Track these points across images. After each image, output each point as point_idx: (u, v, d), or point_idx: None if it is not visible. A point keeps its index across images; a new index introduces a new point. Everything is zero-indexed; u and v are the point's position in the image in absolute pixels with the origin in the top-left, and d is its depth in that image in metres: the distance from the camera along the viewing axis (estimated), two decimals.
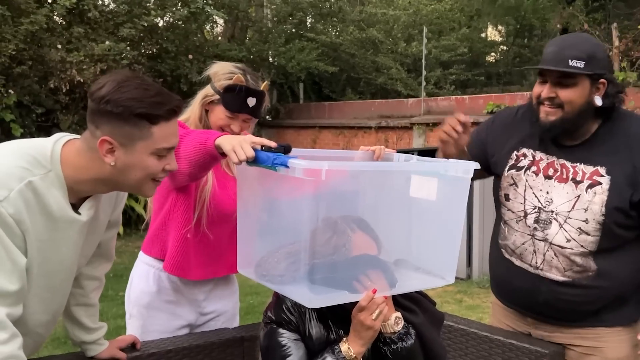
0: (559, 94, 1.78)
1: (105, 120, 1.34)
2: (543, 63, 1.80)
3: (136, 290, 2.05)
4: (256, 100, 1.96)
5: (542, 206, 1.88)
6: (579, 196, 1.82)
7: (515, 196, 1.95)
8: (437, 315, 1.67)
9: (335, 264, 1.49)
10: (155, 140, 1.36)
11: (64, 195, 1.38)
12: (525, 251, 1.94)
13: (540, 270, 1.90)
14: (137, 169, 1.38)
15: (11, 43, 6.65)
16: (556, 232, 1.85)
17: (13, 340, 1.29)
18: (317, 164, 1.34)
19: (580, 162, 1.85)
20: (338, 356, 1.48)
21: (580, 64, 1.74)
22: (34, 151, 1.36)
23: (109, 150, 1.35)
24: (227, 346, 2.00)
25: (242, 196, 1.68)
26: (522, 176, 1.94)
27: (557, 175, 1.87)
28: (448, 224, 1.72)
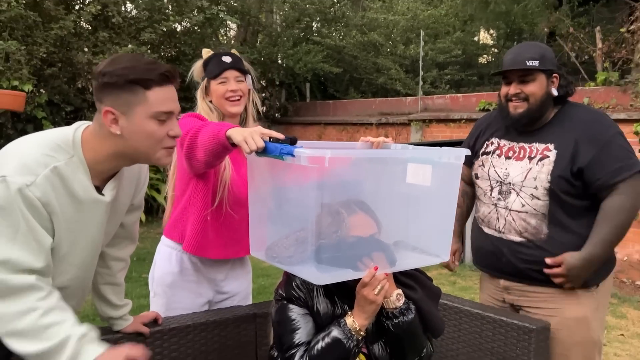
0: (524, 89, 2.01)
1: (105, 93, 1.35)
2: (505, 67, 2.04)
3: (160, 270, 2.06)
4: (231, 57, 2.01)
5: (502, 180, 2.11)
6: (530, 169, 2.04)
7: (482, 174, 2.19)
8: (434, 290, 1.68)
9: (340, 244, 1.50)
10: (151, 104, 1.35)
11: (87, 178, 1.39)
12: (491, 218, 2.15)
13: (502, 234, 2.11)
14: (141, 134, 1.37)
15: (42, 47, 6.67)
16: (514, 200, 2.06)
17: (51, 295, 1.30)
18: (320, 152, 1.34)
19: (536, 142, 2.08)
20: (344, 329, 1.49)
21: (535, 63, 1.99)
22: (57, 139, 1.38)
23: (113, 121, 1.36)
24: (240, 322, 2.01)
25: (252, 184, 1.68)
26: (488, 158, 2.18)
27: (515, 155, 2.11)
28: (442, 206, 1.72)
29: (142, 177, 1.63)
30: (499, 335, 2.03)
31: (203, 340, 1.93)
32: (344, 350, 1.48)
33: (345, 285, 1.53)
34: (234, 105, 2.01)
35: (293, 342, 1.52)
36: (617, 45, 6.97)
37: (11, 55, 6.26)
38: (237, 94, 2.00)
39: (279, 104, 10.92)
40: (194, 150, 1.71)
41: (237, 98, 2.01)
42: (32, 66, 6.61)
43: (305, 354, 1.50)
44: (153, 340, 1.81)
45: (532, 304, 2.09)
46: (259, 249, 1.67)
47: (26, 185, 1.27)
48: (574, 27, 7.94)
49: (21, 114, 6.65)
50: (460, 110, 7.90)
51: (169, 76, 1.37)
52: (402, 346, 1.56)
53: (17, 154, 1.32)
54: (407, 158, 1.63)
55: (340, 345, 1.47)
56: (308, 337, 1.53)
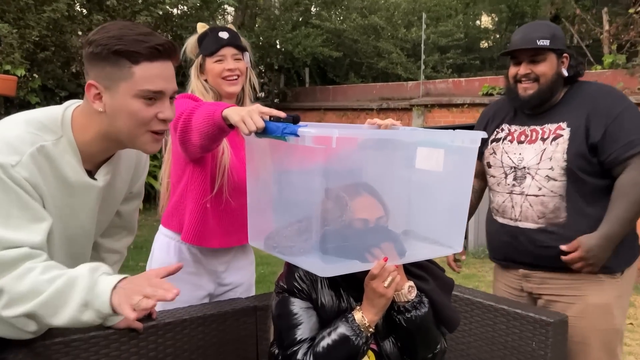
0: (534, 70, 1.94)
1: (90, 64, 1.22)
2: (515, 47, 1.97)
3: (157, 262, 1.95)
4: (228, 33, 1.88)
5: (516, 165, 2.02)
6: (544, 150, 1.96)
7: (494, 162, 2.10)
8: (447, 281, 1.56)
9: (346, 232, 1.39)
10: (136, 80, 1.20)
11: (77, 161, 1.27)
12: (506, 207, 2.05)
13: (518, 222, 2.01)
14: (124, 114, 1.22)
15: (35, 30, 6.53)
16: (529, 184, 1.98)
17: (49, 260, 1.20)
18: (327, 131, 1.22)
19: (547, 123, 2.00)
20: (352, 325, 1.37)
21: (546, 42, 1.92)
22: (45, 118, 1.25)
23: (96, 96, 1.22)
24: (240, 315, 1.90)
25: (251, 168, 1.56)
26: (499, 145, 2.09)
27: (527, 139, 2.03)
28: (455, 193, 1.60)
29: (141, 162, 1.51)
30: (513, 328, 1.92)
31: (200, 335, 1.83)
32: (352, 347, 1.37)
33: (352, 276, 1.42)
34: (231, 84, 1.88)
35: (295, 339, 1.41)
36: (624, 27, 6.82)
37: (3, 39, 6.12)
38: (235, 73, 1.88)
39: (277, 89, 10.77)
40: (189, 134, 1.58)
41: (235, 77, 1.89)
42: (25, 50, 6.47)
43: (309, 351, 1.39)
44: (147, 336, 1.71)
45: (552, 292, 2.00)
46: (258, 238, 1.56)
47: (11, 166, 1.16)
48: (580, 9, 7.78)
49: (14, 99, 6.52)
50: (463, 94, 7.76)
51: (161, 50, 1.21)
52: (415, 342, 1.45)
53: (0, 134, 1.20)
54: (418, 141, 1.51)
55: (348, 342, 1.36)
56: (311, 333, 1.42)
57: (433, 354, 1.47)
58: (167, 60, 1.24)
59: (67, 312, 1.13)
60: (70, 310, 1.13)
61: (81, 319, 1.13)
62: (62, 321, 1.14)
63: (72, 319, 1.14)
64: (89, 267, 1.16)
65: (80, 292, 1.12)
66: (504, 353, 1.95)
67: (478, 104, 7.35)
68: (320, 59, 10.55)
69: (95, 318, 1.14)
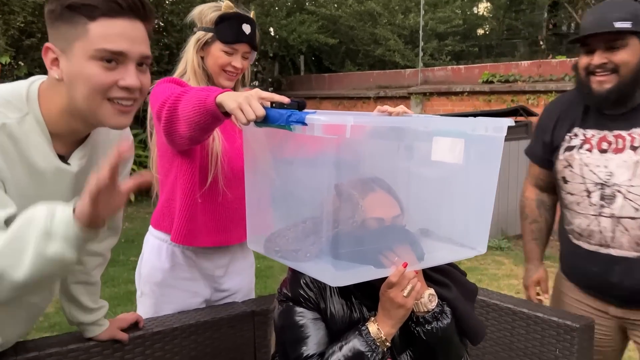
0: (612, 58, 1.62)
1: (48, 25, 1.04)
2: (587, 31, 1.63)
3: (147, 266, 1.77)
4: (250, 27, 1.70)
5: (603, 182, 1.68)
6: (637, 162, 1.62)
7: (572, 177, 1.75)
8: (469, 287, 1.39)
9: (360, 234, 1.22)
10: (92, 39, 1.01)
11: (47, 142, 1.09)
12: (592, 232, 1.72)
13: (612, 249, 1.67)
14: (80, 79, 1.02)
15: (19, 15, 6.32)
16: (622, 205, 1.64)
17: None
18: (340, 119, 1.04)
19: (636, 127, 1.66)
20: (367, 338, 1.21)
21: (627, 24, 1.59)
22: (7, 94, 1.07)
23: (54, 62, 1.05)
24: (236, 322, 1.74)
25: (249, 161, 1.38)
26: (574, 156, 1.74)
27: (612, 147, 1.69)
28: (479, 189, 1.43)
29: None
30: (533, 333, 1.78)
31: (193, 345, 1.67)
32: None
33: (367, 283, 1.25)
34: (229, 79, 1.73)
35: (301, 354, 1.25)
36: None
37: None
38: (237, 71, 1.72)
39: (272, 77, 10.57)
40: (175, 124, 1.39)
41: (235, 74, 1.72)
42: (10, 37, 6.27)
43: None
44: (133, 348, 1.55)
45: None
46: (258, 241, 1.39)
47: None
48: None
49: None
50: (463, 82, 7.61)
51: (123, 6, 1.03)
52: (435, 356, 1.29)
53: None
54: (434, 130, 1.33)
55: (363, 358, 1.20)
56: (320, 348, 1.26)
57: None
58: (134, 18, 1.05)
59: (28, 253, 0.92)
60: (32, 248, 0.92)
61: (46, 253, 0.92)
62: (26, 267, 0.93)
63: (37, 259, 0.92)
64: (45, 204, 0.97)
65: (39, 224, 0.92)
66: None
67: (478, 91, 7.20)
68: (316, 46, 10.38)
69: (65, 248, 0.93)
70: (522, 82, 6.82)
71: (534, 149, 1.94)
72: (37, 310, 1.30)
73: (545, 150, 1.87)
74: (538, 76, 6.73)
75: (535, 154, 1.95)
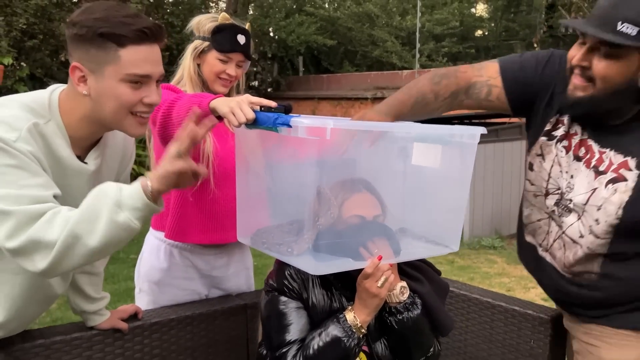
0: (594, 65, 1.28)
1: (74, 45, 1.17)
2: (588, 19, 1.29)
3: (146, 264, 1.87)
4: (245, 37, 1.81)
5: (563, 191, 1.46)
6: (595, 190, 1.38)
7: (539, 169, 1.51)
8: (442, 284, 1.51)
9: (340, 229, 1.32)
10: (123, 64, 1.16)
11: (67, 144, 1.23)
12: (539, 229, 1.55)
13: (546, 253, 1.53)
14: (110, 97, 1.18)
15: (22, 17, 6.41)
16: (572, 223, 1.44)
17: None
18: (322, 122, 1.16)
19: (611, 148, 1.37)
20: (344, 325, 1.32)
21: (632, 30, 1.21)
22: (32, 102, 1.21)
23: (81, 79, 1.19)
24: (229, 314, 1.85)
25: (240, 161, 1.49)
26: (552, 148, 1.47)
27: (585, 157, 1.42)
28: (453, 191, 1.54)
29: (127, 151, 1.46)
30: (511, 326, 1.88)
31: (189, 335, 1.77)
32: (343, 349, 1.32)
33: (346, 275, 1.37)
34: (223, 86, 1.83)
35: (284, 340, 1.36)
36: None
37: None
38: (232, 78, 1.82)
39: (271, 78, 10.66)
40: (169, 128, 1.50)
41: (230, 81, 1.83)
42: (12, 38, 6.35)
43: (298, 353, 1.34)
44: (132, 337, 1.65)
45: (576, 334, 1.60)
46: (247, 234, 1.50)
47: (12, 142, 1.12)
48: None
49: (1, 88, 6.40)
50: None
51: (148, 34, 1.17)
52: (407, 345, 1.40)
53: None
54: (414, 136, 1.44)
55: (340, 343, 1.31)
56: (301, 334, 1.37)
57: (426, 357, 1.42)
58: (154, 43, 1.21)
59: (102, 221, 1.08)
60: (105, 217, 1.08)
61: (117, 220, 1.08)
62: (99, 235, 1.08)
63: (109, 225, 1.08)
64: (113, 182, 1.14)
65: (110, 194, 1.09)
66: (502, 351, 1.90)
67: None
68: (314, 47, 10.48)
69: (132, 218, 1.09)
70: None
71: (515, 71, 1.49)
72: (52, 294, 1.41)
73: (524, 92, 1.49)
74: None
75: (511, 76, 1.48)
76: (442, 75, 1.50)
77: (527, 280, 4.73)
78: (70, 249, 1.08)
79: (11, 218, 1.08)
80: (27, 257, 1.09)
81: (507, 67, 1.49)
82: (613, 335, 1.48)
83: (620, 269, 1.41)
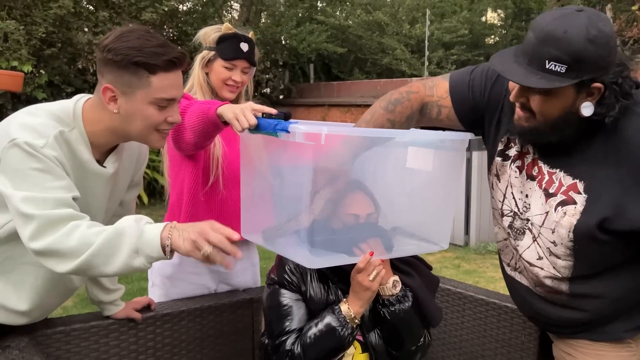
0: (530, 101, 1.26)
1: (107, 68, 1.31)
2: (517, 54, 1.26)
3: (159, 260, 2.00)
4: (248, 45, 1.92)
5: (518, 212, 1.43)
6: (547, 213, 1.36)
7: (496, 190, 1.50)
8: (432, 279, 1.62)
9: (335, 227, 1.44)
10: (154, 89, 1.31)
11: (88, 150, 1.37)
12: (506, 248, 1.53)
13: (515, 272, 1.52)
14: (139, 118, 1.33)
15: (41, 26, 6.59)
16: (527, 246, 1.42)
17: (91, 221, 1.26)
18: (316, 129, 1.27)
19: (560, 169, 1.35)
20: (338, 316, 1.43)
21: (560, 68, 1.18)
22: (57, 111, 1.35)
23: (112, 98, 1.32)
24: (236, 307, 1.96)
25: (244, 162, 1.62)
26: (506, 169, 1.46)
27: (538, 177, 1.39)
28: (443, 193, 1.64)
29: (142, 154, 1.60)
30: (504, 322, 1.96)
31: (198, 327, 1.88)
32: (338, 338, 1.42)
33: (341, 269, 1.47)
34: (230, 92, 1.95)
35: (284, 329, 1.47)
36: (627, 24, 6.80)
37: (10, 35, 6.18)
38: (238, 84, 1.94)
39: (282, 85, 10.79)
40: (182, 133, 1.63)
41: (236, 87, 1.95)
42: (32, 46, 6.54)
43: (296, 341, 1.44)
44: (145, 327, 1.76)
45: (557, 343, 1.60)
46: (251, 231, 1.61)
47: (40, 147, 1.25)
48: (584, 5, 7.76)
49: (21, 95, 6.59)
50: None
51: (176, 63, 1.32)
52: (399, 335, 1.50)
53: (20, 123, 1.29)
54: (407, 141, 1.55)
55: (334, 332, 1.42)
56: (300, 324, 1.47)
57: (416, 347, 1.52)
58: (178, 69, 1.35)
59: (118, 260, 1.19)
60: (122, 258, 1.19)
61: (133, 265, 1.20)
62: (114, 269, 1.20)
63: (124, 265, 1.20)
64: (133, 217, 1.24)
65: (130, 238, 1.19)
66: (495, 346, 1.99)
67: None
68: (325, 55, 10.57)
69: (145, 263, 1.21)
70: None
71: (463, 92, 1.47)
72: (72, 286, 1.54)
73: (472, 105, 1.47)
74: None
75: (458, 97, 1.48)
76: (395, 102, 1.50)
77: None
78: (87, 269, 1.21)
79: (34, 221, 1.20)
80: (47, 260, 1.22)
81: (457, 87, 1.48)
82: (589, 346, 1.47)
83: (589, 287, 1.39)
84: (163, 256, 1.21)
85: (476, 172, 5.80)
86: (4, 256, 1.38)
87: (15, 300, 1.40)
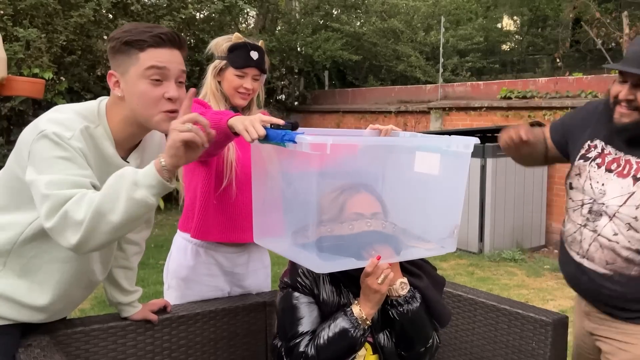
0: (638, 97, 1.59)
1: (110, 57, 1.40)
2: (625, 62, 1.61)
3: (174, 263, 2.05)
4: (258, 54, 1.98)
5: (595, 198, 1.73)
6: (633, 193, 1.65)
7: (577, 186, 1.79)
8: (438, 279, 1.65)
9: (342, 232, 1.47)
10: (142, 63, 1.36)
11: (112, 145, 1.43)
12: (574, 239, 1.78)
13: (584, 259, 1.74)
14: (135, 95, 1.38)
15: (62, 34, 6.72)
16: (605, 225, 1.68)
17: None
18: (322, 139, 1.32)
19: None
20: (350, 317, 1.46)
21: None
22: (83, 110, 1.42)
23: (116, 83, 1.40)
24: (250, 310, 1.99)
25: (255, 169, 1.66)
26: (587, 167, 1.77)
27: (618, 170, 1.70)
28: (449, 196, 1.67)
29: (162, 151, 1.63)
30: (514, 328, 1.97)
31: (212, 329, 1.92)
32: (351, 339, 1.45)
33: (353, 273, 1.50)
34: (242, 99, 2.01)
35: (297, 331, 1.50)
36: None
37: (32, 43, 6.32)
38: (249, 91, 1.99)
39: (297, 92, 10.86)
40: None
41: (248, 94, 2.00)
42: (53, 54, 6.66)
43: (310, 343, 1.47)
44: (161, 328, 1.81)
45: (610, 335, 1.77)
46: (262, 236, 1.65)
47: (67, 138, 1.31)
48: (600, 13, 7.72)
49: (42, 101, 6.73)
50: (481, 98, 7.76)
51: (164, 38, 1.37)
52: (408, 335, 1.52)
53: (48, 118, 1.36)
54: (413, 146, 1.58)
55: (347, 334, 1.44)
56: (312, 326, 1.50)
57: (425, 348, 1.54)
58: (172, 48, 1.39)
59: (122, 199, 1.22)
60: (124, 194, 1.22)
61: (134, 197, 1.22)
62: (120, 211, 1.22)
63: (128, 202, 1.22)
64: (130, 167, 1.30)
65: (128, 176, 1.23)
66: (506, 352, 2.00)
67: (496, 107, 7.34)
68: (340, 62, 10.61)
69: (148, 195, 1.23)
70: (539, 99, 6.94)
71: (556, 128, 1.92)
72: (95, 280, 1.59)
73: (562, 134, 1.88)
74: (555, 92, 6.85)
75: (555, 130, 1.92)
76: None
77: (545, 293, 4.75)
78: (96, 225, 1.23)
79: (49, 200, 1.25)
80: (60, 234, 1.25)
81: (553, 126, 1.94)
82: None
83: None
84: (163, 182, 1.23)
85: (490, 179, 5.78)
86: (30, 255, 1.43)
87: (37, 295, 1.46)
